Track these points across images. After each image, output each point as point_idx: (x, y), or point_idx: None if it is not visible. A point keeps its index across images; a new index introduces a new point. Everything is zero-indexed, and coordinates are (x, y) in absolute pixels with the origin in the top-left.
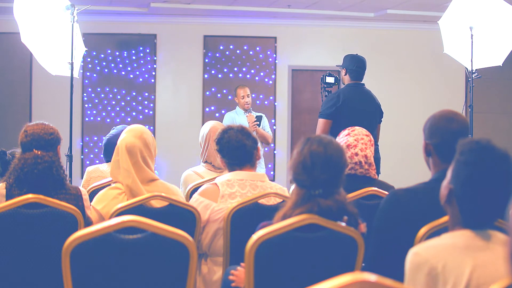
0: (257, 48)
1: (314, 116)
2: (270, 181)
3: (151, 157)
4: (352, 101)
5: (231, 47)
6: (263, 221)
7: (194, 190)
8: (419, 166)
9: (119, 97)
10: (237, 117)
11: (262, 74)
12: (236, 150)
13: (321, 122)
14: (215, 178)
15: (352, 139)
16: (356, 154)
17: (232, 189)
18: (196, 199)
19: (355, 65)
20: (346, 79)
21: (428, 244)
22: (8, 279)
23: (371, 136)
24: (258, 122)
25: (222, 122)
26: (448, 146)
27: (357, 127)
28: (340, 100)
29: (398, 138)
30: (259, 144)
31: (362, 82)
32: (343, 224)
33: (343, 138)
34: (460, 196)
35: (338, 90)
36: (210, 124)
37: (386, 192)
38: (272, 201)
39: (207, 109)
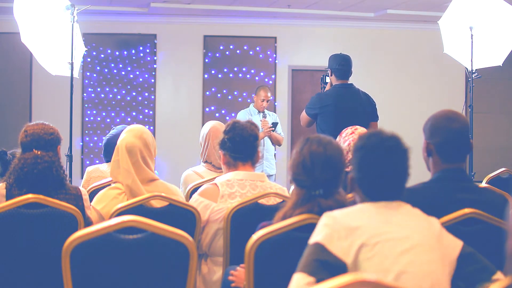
0: (257, 48)
1: None
2: (270, 181)
3: (151, 157)
4: (336, 102)
5: (231, 47)
6: (263, 221)
7: (194, 190)
8: (419, 166)
9: (119, 97)
10: (249, 118)
11: (262, 74)
12: (249, 138)
13: (304, 115)
14: (215, 178)
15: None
16: None
17: (232, 189)
18: (196, 199)
19: (338, 63)
20: (333, 79)
21: (342, 211)
22: (8, 279)
23: None
24: (273, 128)
25: (224, 122)
26: (449, 145)
27: (358, 126)
28: (322, 102)
29: None
30: (271, 145)
31: (350, 82)
32: None
33: (348, 137)
34: (358, 179)
35: (324, 91)
36: (210, 124)
37: None
38: (272, 201)
39: (207, 109)
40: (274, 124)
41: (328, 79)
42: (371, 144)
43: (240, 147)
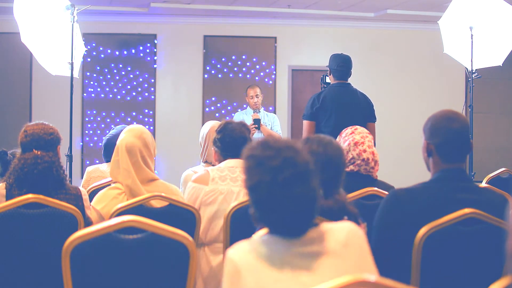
0: (257, 48)
1: None
2: None
3: (151, 157)
4: (332, 101)
5: (231, 47)
6: None
7: None
8: (419, 166)
9: (119, 97)
10: (245, 117)
11: (262, 74)
12: (239, 139)
13: (304, 124)
14: None
15: (358, 136)
16: (364, 151)
17: (222, 173)
18: (189, 185)
19: (336, 64)
20: (331, 79)
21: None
22: (8, 279)
23: (371, 136)
24: (256, 125)
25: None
26: (449, 145)
27: (358, 126)
28: (319, 102)
29: (397, 138)
30: None
31: (348, 81)
32: None
33: (348, 137)
34: (259, 218)
35: (320, 91)
36: (210, 124)
37: (387, 192)
38: None
39: (207, 109)
40: (256, 121)
41: (328, 79)
42: (265, 181)
43: (230, 147)
